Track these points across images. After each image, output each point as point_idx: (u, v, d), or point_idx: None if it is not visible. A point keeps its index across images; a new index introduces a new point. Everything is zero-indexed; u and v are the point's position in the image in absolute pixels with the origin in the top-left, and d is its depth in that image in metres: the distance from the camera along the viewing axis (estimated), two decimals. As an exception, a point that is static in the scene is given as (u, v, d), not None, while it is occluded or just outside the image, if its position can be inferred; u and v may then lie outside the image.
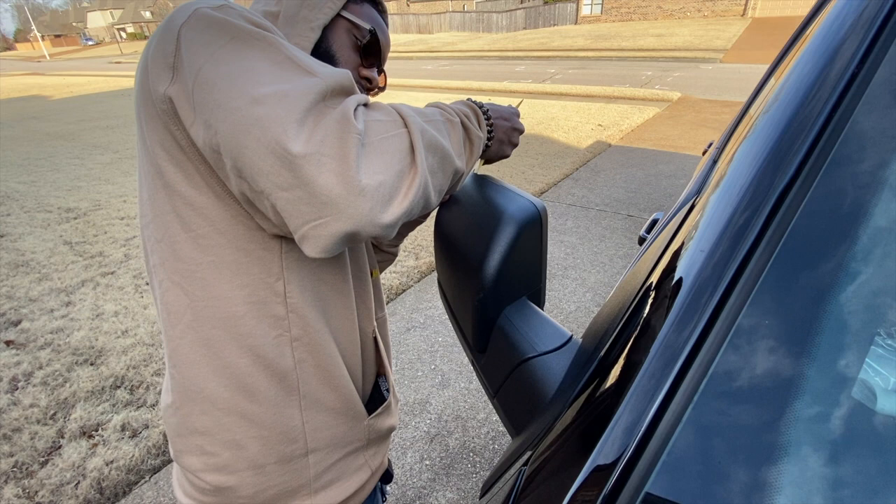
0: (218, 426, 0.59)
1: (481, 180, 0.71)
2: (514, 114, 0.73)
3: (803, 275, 0.34)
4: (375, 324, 0.74)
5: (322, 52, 0.63)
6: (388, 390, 0.77)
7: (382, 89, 0.74)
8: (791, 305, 0.33)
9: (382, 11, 0.72)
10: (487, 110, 0.67)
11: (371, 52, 0.68)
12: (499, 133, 0.69)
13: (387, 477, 0.80)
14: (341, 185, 0.42)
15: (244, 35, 0.46)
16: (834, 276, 0.33)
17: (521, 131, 0.74)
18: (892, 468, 0.29)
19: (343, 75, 0.48)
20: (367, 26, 0.67)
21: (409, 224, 0.87)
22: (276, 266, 0.56)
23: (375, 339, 0.73)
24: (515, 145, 0.73)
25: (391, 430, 0.76)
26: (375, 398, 0.74)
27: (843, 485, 0.29)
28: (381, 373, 0.77)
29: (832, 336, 0.32)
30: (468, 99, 0.68)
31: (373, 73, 0.69)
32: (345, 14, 0.66)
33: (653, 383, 0.34)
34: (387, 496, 0.88)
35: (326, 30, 0.63)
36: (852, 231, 0.34)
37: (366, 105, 0.49)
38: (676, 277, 0.40)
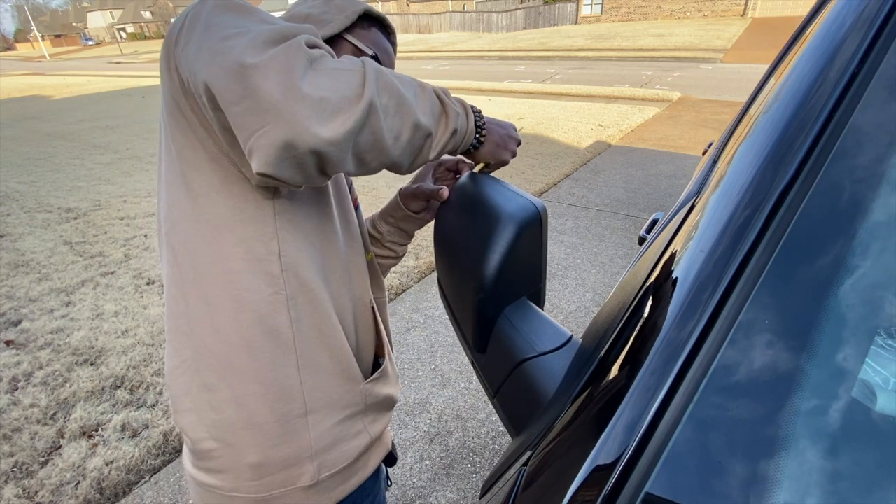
0: (221, 381, 0.61)
1: (481, 180, 0.71)
2: (510, 126, 0.73)
3: (803, 275, 0.34)
4: (372, 296, 0.77)
5: None
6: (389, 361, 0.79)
7: None
8: (791, 305, 0.33)
9: (391, 34, 0.75)
10: (479, 111, 0.68)
11: None
12: (493, 136, 0.69)
13: (390, 459, 0.80)
14: (282, 91, 0.45)
15: (247, 8, 0.52)
16: (834, 276, 0.33)
17: (517, 141, 0.74)
18: (894, 469, 0.29)
19: (311, 31, 0.52)
20: (370, 52, 0.69)
21: (413, 222, 0.87)
22: (269, 226, 0.59)
23: (373, 309, 0.76)
24: (513, 153, 0.73)
25: (390, 399, 0.77)
26: (377, 368, 0.76)
27: (844, 484, 0.29)
28: (379, 353, 0.77)
29: (833, 336, 0.32)
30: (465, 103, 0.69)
31: None
32: (347, 37, 0.68)
33: (653, 383, 0.34)
34: (391, 482, 0.88)
35: (331, 43, 0.65)
36: (852, 231, 0.34)
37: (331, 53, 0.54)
38: (677, 277, 0.40)
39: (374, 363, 0.78)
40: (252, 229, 0.58)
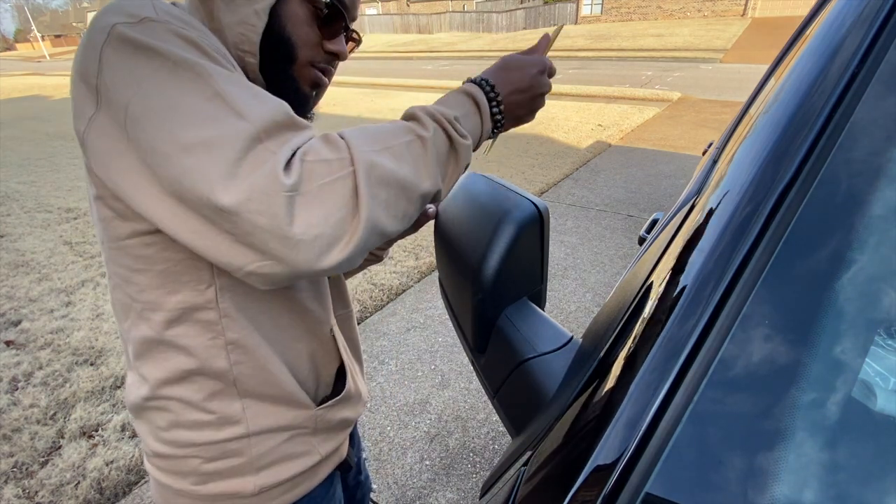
0: (166, 407, 0.61)
1: (482, 180, 0.71)
2: (535, 75, 0.61)
3: (803, 275, 0.34)
4: (334, 320, 0.73)
5: (275, 35, 0.56)
6: (354, 383, 0.75)
7: (358, 42, 0.68)
8: (791, 305, 0.33)
9: None
10: (498, 94, 0.59)
11: (334, 20, 0.60)
12: (515, 110, 0.61)
13: (344, 466, 0.79)
14: (274, 239, 0.42)
15: (170, 64, 0.44)
16: (834, 277, 0.33)
17: (545, 93, 0.63)
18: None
19: (275, 112, 0.45)
20: None
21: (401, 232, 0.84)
22: (206, 273, 0.55)
23: (333, 336, 0.73)
24: (538, 109, 0.64)
25: (346, 421, 0.75)
26: (339, 390, 0.74)
27: (846, 483, 0.29)
28: (341, 373, 0.76)
29: (833, 337, 0.32)
30: (477, 80, 0.60)
31: (339, 44, 0.62)
32: None
33: (653, 383, 0.34)
34: (373, 489, 0.88)
35: (276, 8, 0.55)
36: (852, 231, 0.34)
37: (310, 138, 0.47)
38: (677, 277, 0.40)
39: (341, 377, 0.75)
40: (187, 277, 0.55)
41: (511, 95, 0.60)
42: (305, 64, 0.60)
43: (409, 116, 0.54)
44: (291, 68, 0.60)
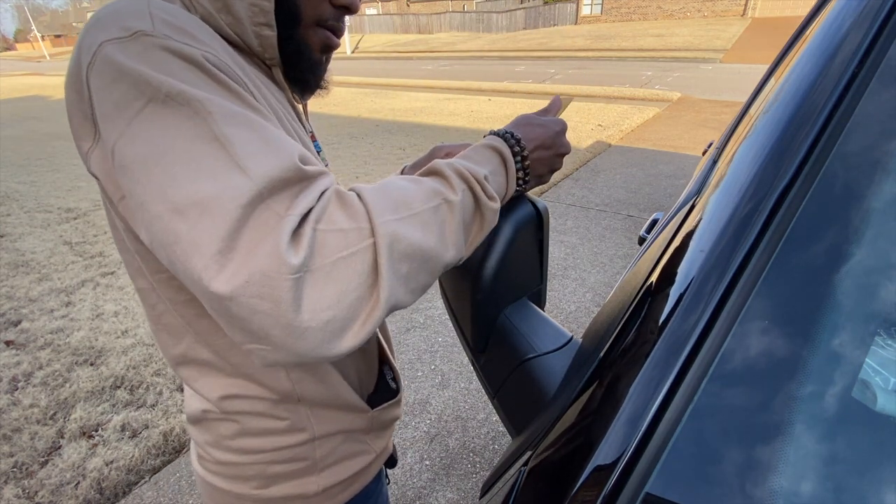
0: (232, 418, 0.60)
1: None
2: (558, 133, 0.59)
3: (803, 275, 0.34)
4: None
5: (288, 3, 0.51)
6: (393, 380, 0.77)
7: None
8: (791, 306, 0.33)
9: None
10: (524, 148, 0.55)
11: None
12: (538, 167, 0.57)
13: (391, 462, 0.81)
14: (277, 326, 0.36)
15: (161, 96, 0.37)
16: (834, 277, 0.33)
17: (565, 154, 0.60)
18: None
19: (284, 163, 0.38)
20: None
21: None
22: None
23: (377, 336, 0.74)
24: (556, 170, 0.61)
25: (395, 419, 0.77)
26: (381, 387, 0.75)
27: (846, 486, 0.29)
28: (383, 360, 0.77)
29: (834, 337, 0.32)
30: (502, 133, 0.56)
31: None
32: None
33: (653, 384, 0.34)
34: (388, 479, 0.91)
35: None
36: (852, 231, 0.34)
37: (324, 192, 0.40)
38: (677, 277, 0.40)
39: (380, 374, 0.76)
40: None
41: (536, 151, 0.56)
42: (312, 24, 0.54)
43: (435, 172, 0.48)
44: (297, 32, 0.53)
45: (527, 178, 0.56)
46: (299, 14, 0.52)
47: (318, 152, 0.65)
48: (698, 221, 0.45)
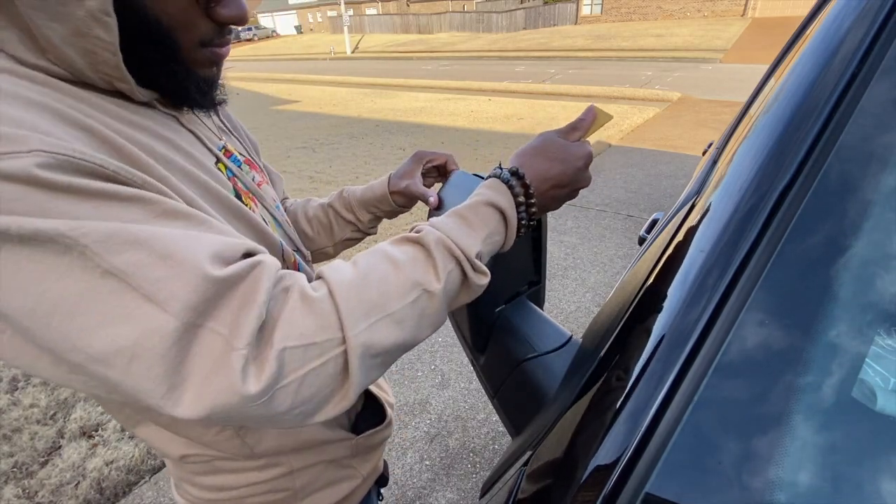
0: (205, 459, 0.59)
1: (476, 178, 0.71)
2: (579, 170, 0.53)
3: (803, 275, 0.34)
4: None
5: (138, 26, 0.40)
6: (387, 403, 0.74)
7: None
8: (791, 306, 0.33)
9: None
10: (532, 192, 0.50)
11: None
12: (549, 204, 0.54)
13: (382, 480, 0.80)
14: (251, 421, 0.36)
15: (16, 238, 0.29)
16: (833, 277, 0.33)
17: (584, 188, 0.55)
18: None
19: (196, 286, 0.32)
20: None
21: (397, 212, 0.78)
22: None
23: None
24: (570, 200, 0.57)
25: (383, 440, 0.75)
26: (369, 406, 0.73)
27: (847, 487, 0.29)
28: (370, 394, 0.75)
29: (834, 337, 0.32)
30: (507, 179, 0.50)
31: (231, 4, 0.44)
32: None
33: (653, 383, 0.34)
34: (382, 497, 0.88)
35: None
36: (852, 231, 0.34)
37: (270, 283, 0.36)
38: (677, 278, 0.40)
39: (367, 393, 0.73)
40: None
41: (549, 191, 0.52)
42: (194, 47, 0.45)
43: (423, 245, 0.44)
44: (177, 61, 0.45)
45: (531, 222, 0.52)
46: (174, 41, 0.43)
47: (237, 166, 0.57)
48: (698, 221, 0.45)
